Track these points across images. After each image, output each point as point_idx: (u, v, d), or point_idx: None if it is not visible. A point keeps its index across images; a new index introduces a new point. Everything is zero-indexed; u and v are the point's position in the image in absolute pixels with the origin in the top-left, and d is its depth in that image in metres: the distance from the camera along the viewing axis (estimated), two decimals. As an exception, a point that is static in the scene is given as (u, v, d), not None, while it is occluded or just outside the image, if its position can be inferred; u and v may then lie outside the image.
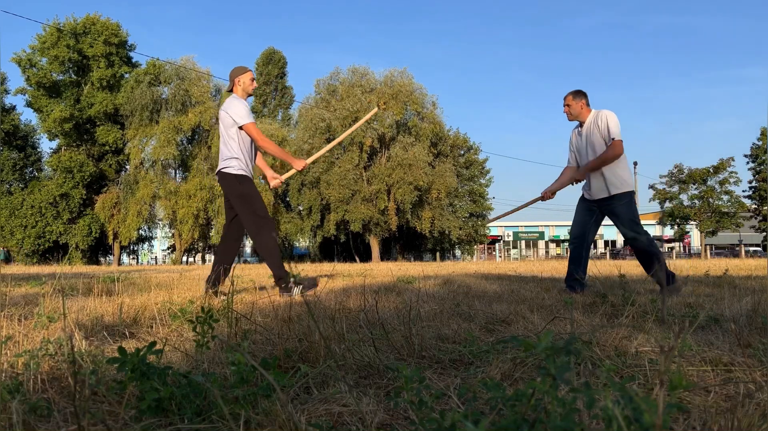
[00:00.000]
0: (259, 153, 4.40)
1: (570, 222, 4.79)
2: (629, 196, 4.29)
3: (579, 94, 4.43)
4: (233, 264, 4.24)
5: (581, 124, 4.43)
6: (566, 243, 62.18)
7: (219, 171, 4.17)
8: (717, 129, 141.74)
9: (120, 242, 36.28)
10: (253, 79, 4.29)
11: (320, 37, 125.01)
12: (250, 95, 4.32)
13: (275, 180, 4.52)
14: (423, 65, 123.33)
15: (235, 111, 4.12)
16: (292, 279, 3.92)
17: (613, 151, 4.24)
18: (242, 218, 4.13)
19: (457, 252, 47.07)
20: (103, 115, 35.38)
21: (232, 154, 4.13)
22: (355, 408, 1.22)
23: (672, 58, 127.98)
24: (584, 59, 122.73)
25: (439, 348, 1.82)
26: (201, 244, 38.84)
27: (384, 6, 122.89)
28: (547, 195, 4.56)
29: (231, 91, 4.30)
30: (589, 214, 4.43)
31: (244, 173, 4.14)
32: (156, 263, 52.62)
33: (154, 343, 1.17)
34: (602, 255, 48.88)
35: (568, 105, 4.44)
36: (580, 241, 4.43)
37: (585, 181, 4.47)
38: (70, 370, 1.41)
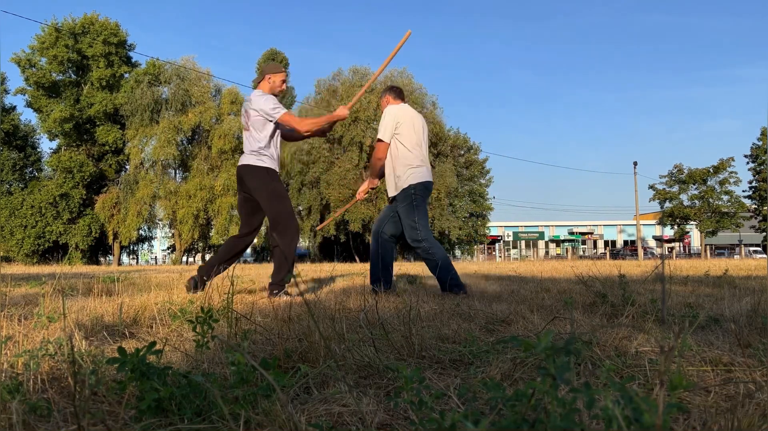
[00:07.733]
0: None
1: (569, 223, 4.79)
2: (409, 197, 4.15)
3: (385, 90, 4.42)
4: (233, 263, 4.17)
5: None
6: (566, 243, 62.17)
7: (245, 164, 4.00)
8: (717, 129, 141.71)
9: (120, 242, 36.28)
10: (283, 81, 4.18)
11: (320, 37, 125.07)
12: (275, 95, 4.15)
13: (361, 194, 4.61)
14: (423, 65, 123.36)
15: (263, 106, 3.96)
16: (285, 289, 3.90)
17: (374, 153, 4.25)
18: (271, 214, 3.96)
19: (457, 252, 47.07)
20: (103, 115, 35.37)
21: (258, 147, 3.99)
22: (355, 408, 1.22)
23: (671, 57, 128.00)
24: (584, 58, 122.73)
25: (439, 348, 1.82)
26: (201, 244, 38.84)
27: (384, 5, 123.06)
28: (359, 196, 4.63)
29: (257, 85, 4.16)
30: (388, 211, 4.36)
31: (274, 168, 4.03)
32: (156, 263, 52.61)
33: (154, 343, 1.17)
34: (602, 255, 48.88)
35: (380, 106, 4.45)
36: (374, 238, 4.36)
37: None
38: (70, 370, 1.41)
